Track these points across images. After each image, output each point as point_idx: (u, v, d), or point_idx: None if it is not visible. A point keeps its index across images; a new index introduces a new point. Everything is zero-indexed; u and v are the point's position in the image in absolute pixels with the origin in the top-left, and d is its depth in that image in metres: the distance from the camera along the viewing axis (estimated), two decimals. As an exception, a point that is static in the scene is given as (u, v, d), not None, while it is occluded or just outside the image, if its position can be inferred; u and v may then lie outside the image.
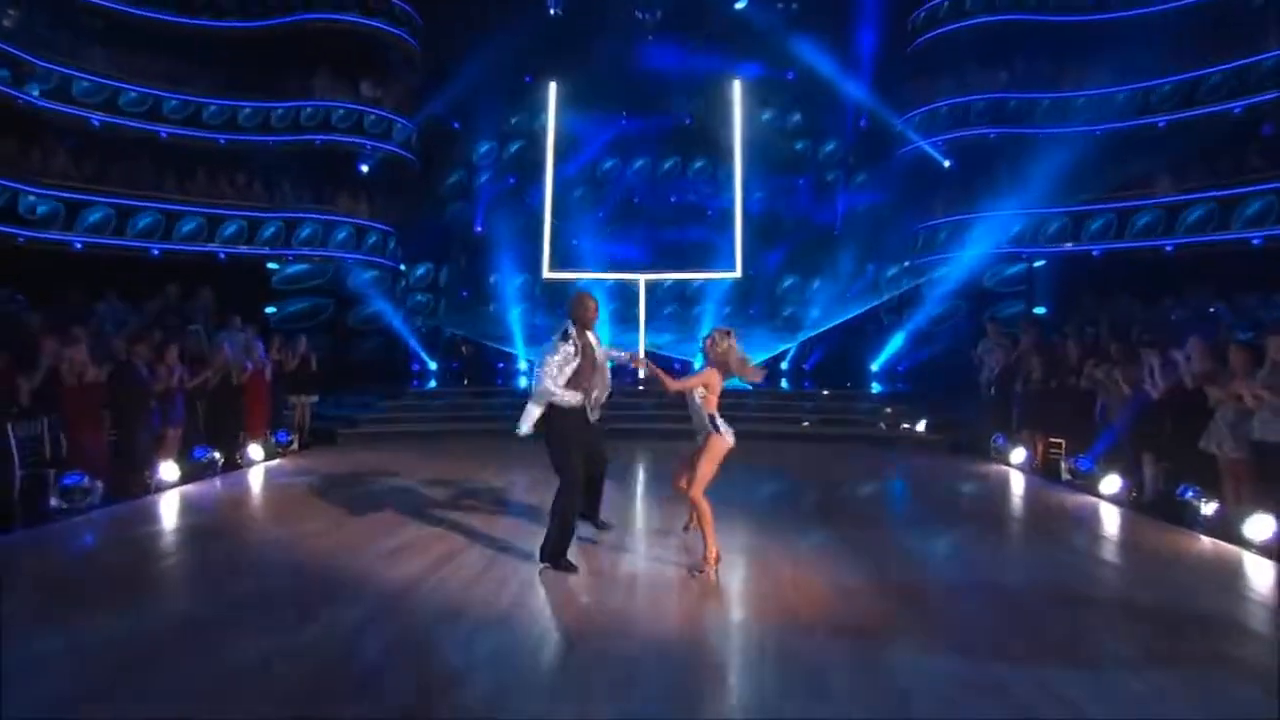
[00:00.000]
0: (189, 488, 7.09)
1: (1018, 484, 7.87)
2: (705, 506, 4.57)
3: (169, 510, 6.38)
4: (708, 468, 4.54)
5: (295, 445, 9.32)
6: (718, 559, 4.59)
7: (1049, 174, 12.56)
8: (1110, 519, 6.23)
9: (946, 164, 15.06)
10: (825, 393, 12.35)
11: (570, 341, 4.63)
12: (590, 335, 4.79)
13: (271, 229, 14.36)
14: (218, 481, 7.51)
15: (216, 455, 7.82)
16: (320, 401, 10.36)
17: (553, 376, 4.57)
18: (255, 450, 8.38)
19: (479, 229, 18.18)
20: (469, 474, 7.85)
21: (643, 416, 10.67)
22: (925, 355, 15.13)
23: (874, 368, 15.76)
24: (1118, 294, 11.61)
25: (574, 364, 4.61)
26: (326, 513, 6.22)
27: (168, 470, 6.98)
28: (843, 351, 16.09)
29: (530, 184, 16.65)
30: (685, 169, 18.65)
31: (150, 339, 7.86)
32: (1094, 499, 6.81)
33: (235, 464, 8.17)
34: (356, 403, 11.79)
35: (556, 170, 14.60)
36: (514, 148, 18.61)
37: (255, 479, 7.81)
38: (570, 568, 4.59)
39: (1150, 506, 6.43)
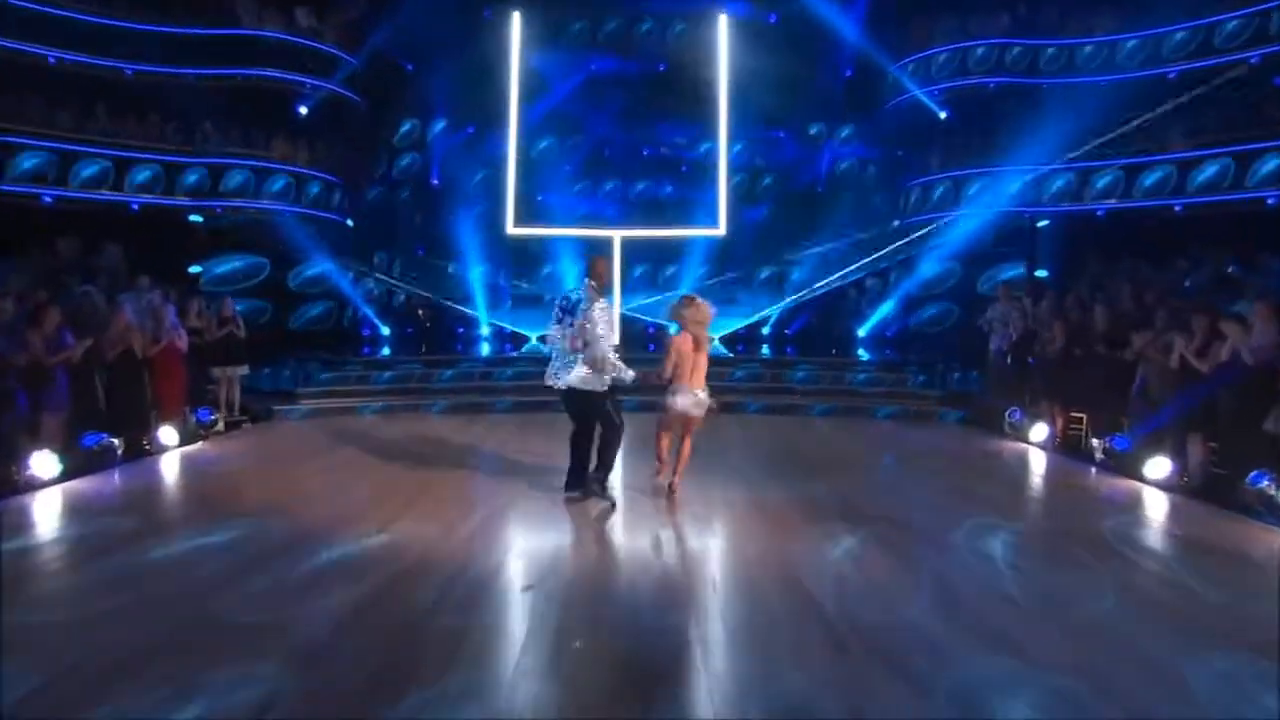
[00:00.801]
0: (76, 484, 5.81)
1: (1046, 466, 7.13)
2: (662, 445, 5.33)
3: (40, 515, 5.12)
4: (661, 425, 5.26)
5: (220, 425, 8.10)
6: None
7: (1053, 127, 11.71)
8: (1178, 514, 5.41)
9: (943, 115, 14.11)
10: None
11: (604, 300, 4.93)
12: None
13: (194, 177, 12.56)
14: (115, 474, 6.21)
15: (115, 442, 6.48)
16: (252, 373, 9.22)
17: (608, 339, 4.90)
18: (168, 434, 7.12)
19: (435, 181, 16.62)
20: (429, 458, 6.83)
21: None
22: (918, 321, 14.42)
23: (861, 333, 15.07)
24: (1124, 256, 10.91)
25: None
26: (251, 510, 5.11)
27: (42, 463, 5.63)
28: (827, 317, 15.39)
29: (491, 132, 15.15)
30: (659, 118, 17.29)
31: (33, 301, 6.41)
32: (1137, 484, 6.05)
33: (143, 451, 6.86)
34: (297, 374, 10.61)
35: (521, 117, 13.20)
36: (473, 93, 16.92)
37: (166, 469, 6.60)
38: (610, 497, 5.13)
39: (1201, 493, 5.68)
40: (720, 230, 13.58)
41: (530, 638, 3.34)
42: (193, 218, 12.91)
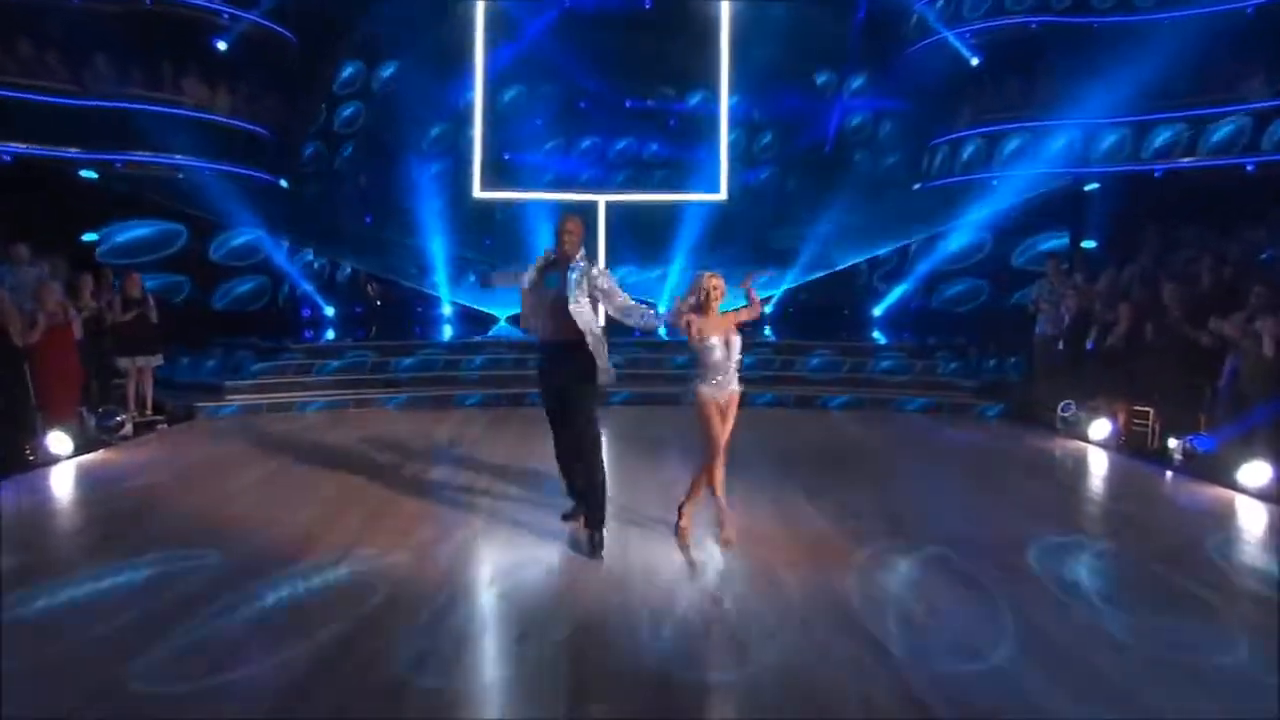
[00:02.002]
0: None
1: (1113, 470, 6.90)
2: (703, 478, 4.65)
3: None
4: (702, 429, 4.56)
5: (128, 428, 7.60)
6: (681, 517, 4.77)
7: (1105, 75, 11.39)
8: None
9: (975, 62, 13.78)
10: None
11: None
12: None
13: (85, 122, 11.59)
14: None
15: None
16: (168, 364, 8.82)
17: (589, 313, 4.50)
18: (59, 440, 6.58)
19: (384, 136, 15.91)
20: (390, 465, 6.45)
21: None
22: (941, 299, 14.20)
23: (876, 313, 14.87)
24: (1185, 224, 10.72)
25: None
26: (170, 538, 4.62)
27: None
28: (837, 295, 15.12)
29: (452, 80, 14.52)
30: (645, 65, 16.76)
31: None
32: (1228, 493, 5.83)
33: (26, 462, 6.33)
34: (224, 364, 10.17)
35: (486, 62, 12.62)
36: (429, 32, 16.16)
37: (57, 485, 6.06)
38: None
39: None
40: (721, 195, 13.31)
41: (531, 702, 2.97)
42: (84, 173, 11.96)
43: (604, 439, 4.80)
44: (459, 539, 4.75)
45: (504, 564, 4.48)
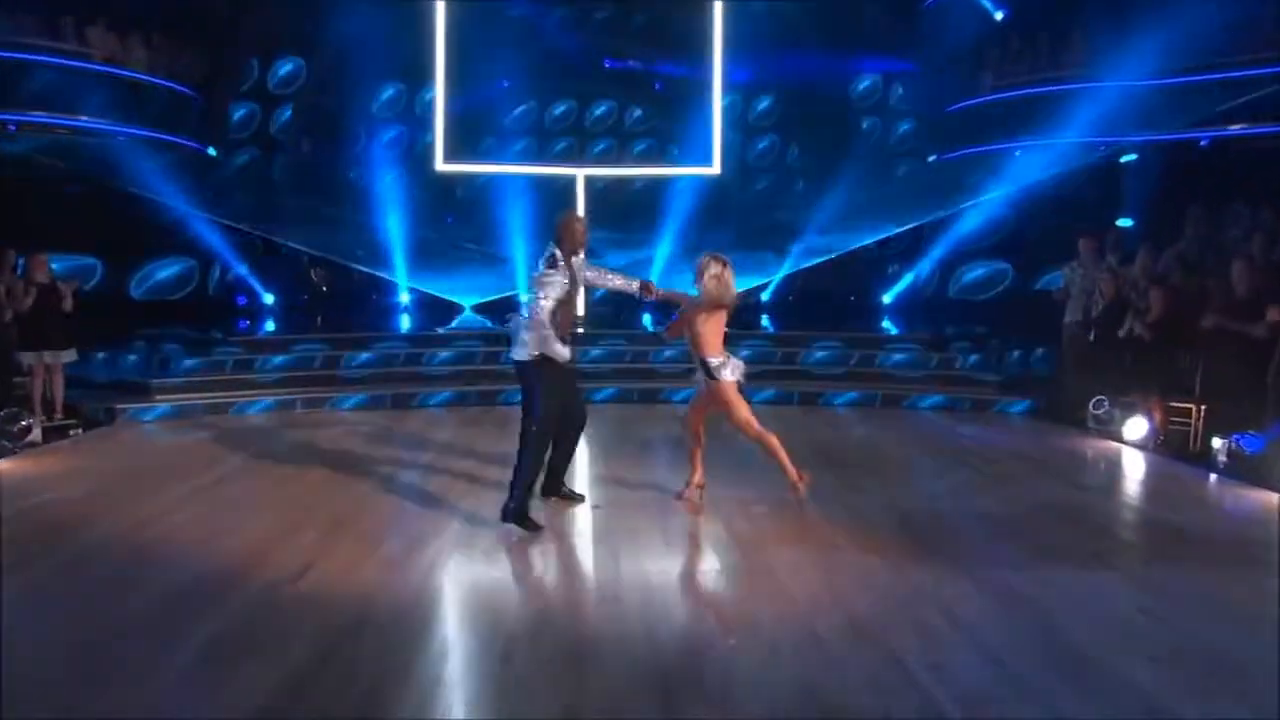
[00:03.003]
0: None
1: (1153, 473, 7.07)
2: (769, 438, 5.53)
3: None
4: (736, 409, 5.46)
5: (36, 434, 7.55)
6: (801, 479, 5.54)
7: (1146, 31, 11.50)
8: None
9: (999, 16, 13.97)
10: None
11: (560, 270, 5.13)
12: (576, 261, 5.29)
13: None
14: None
15: None
16: (82, 360, 8.78)
17: (551, 313, 5.04)
18: (-43, 448, 6.43)
19: (328, 97, 15.76)
20: (348, 473, 6.46)
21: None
22: (960, 285, 14.39)
23: (886, 300, 15.08)
24: (1234, 199, 10.90)
25: (563, 297, 5.14)
26: (92, 556, 4.63)
27: None
28: (844, 280, 15.31)
29: (405, 33, 14.39)
30: (626, 19, 16.78)
31: None
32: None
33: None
34: (148, 360, 10.08)
35: (448, 14, 12.56)
36: (378, -23, 16.04)
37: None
38: (535, 526, 5.08)
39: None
40: (714, 168, 13.39)
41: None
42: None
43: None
44: (430, 552, 4.79)
45: (479, 576, 4.53)
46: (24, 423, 7.43)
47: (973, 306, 14.28)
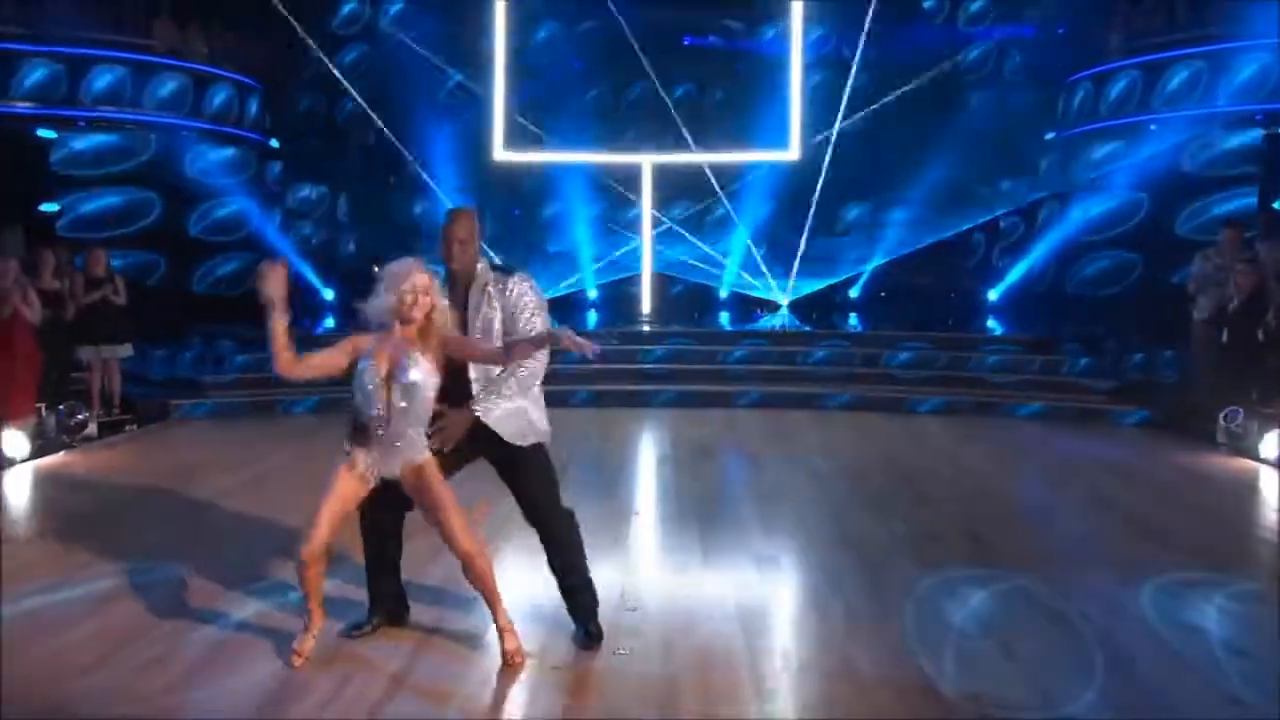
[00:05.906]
0: None
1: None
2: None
3: None
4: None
5: (92, 429, 8.11)
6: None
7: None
8: None
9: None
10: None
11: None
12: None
13: (39, 73, 12.08)
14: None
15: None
16: (139, 355, 9.35)
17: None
18: (14, 441, 7.07)
19: (392, 88, 16.41)
20: None
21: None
22: (1079, 279, 13.83)
23: (992, 296, 14.77)
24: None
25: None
26: (144, 551, 4.93)
27: None
28: (943, 274, 15.14)
29: (469, 16, 14.85)
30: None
31: None
32: None
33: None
34: (203, 356, 10.67)
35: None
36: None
37: (12, 492, 6.49)
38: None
39: None
40: (792, 154, 13.33)
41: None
42: (42, 132, 12.68)
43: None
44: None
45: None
46: (80, 416, 7.99)
47: (1094, 304, 13.73)
